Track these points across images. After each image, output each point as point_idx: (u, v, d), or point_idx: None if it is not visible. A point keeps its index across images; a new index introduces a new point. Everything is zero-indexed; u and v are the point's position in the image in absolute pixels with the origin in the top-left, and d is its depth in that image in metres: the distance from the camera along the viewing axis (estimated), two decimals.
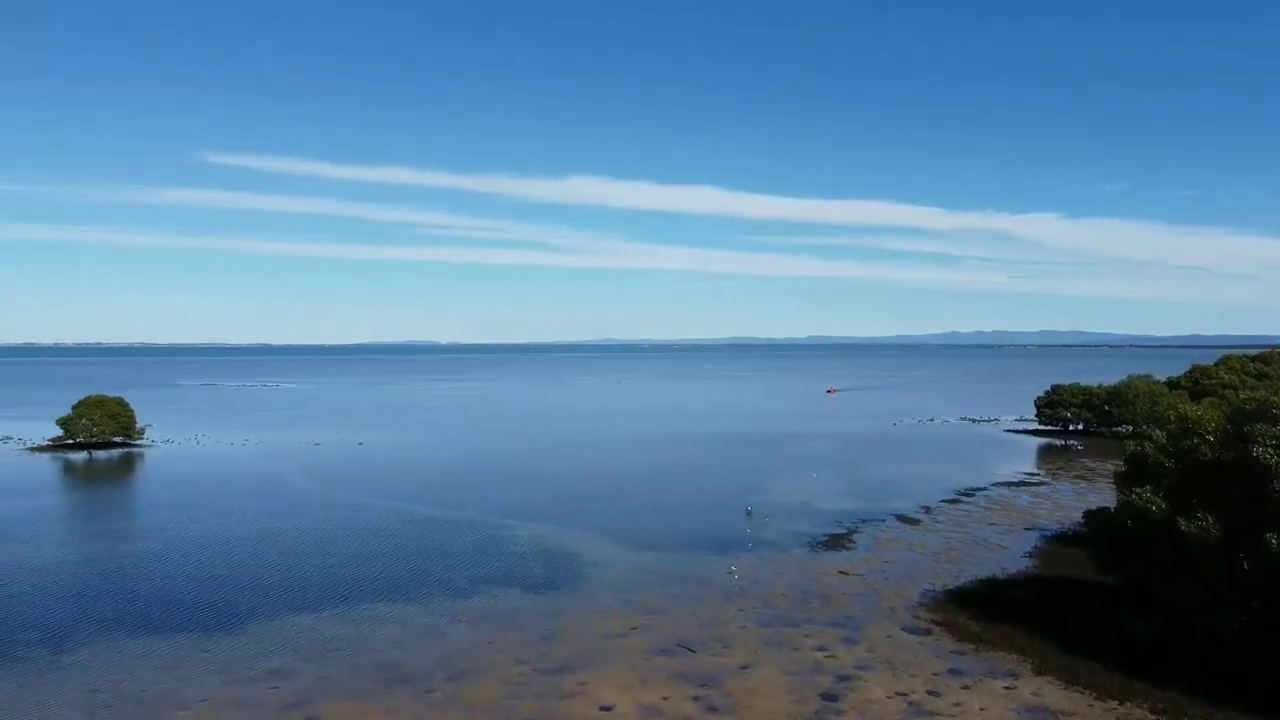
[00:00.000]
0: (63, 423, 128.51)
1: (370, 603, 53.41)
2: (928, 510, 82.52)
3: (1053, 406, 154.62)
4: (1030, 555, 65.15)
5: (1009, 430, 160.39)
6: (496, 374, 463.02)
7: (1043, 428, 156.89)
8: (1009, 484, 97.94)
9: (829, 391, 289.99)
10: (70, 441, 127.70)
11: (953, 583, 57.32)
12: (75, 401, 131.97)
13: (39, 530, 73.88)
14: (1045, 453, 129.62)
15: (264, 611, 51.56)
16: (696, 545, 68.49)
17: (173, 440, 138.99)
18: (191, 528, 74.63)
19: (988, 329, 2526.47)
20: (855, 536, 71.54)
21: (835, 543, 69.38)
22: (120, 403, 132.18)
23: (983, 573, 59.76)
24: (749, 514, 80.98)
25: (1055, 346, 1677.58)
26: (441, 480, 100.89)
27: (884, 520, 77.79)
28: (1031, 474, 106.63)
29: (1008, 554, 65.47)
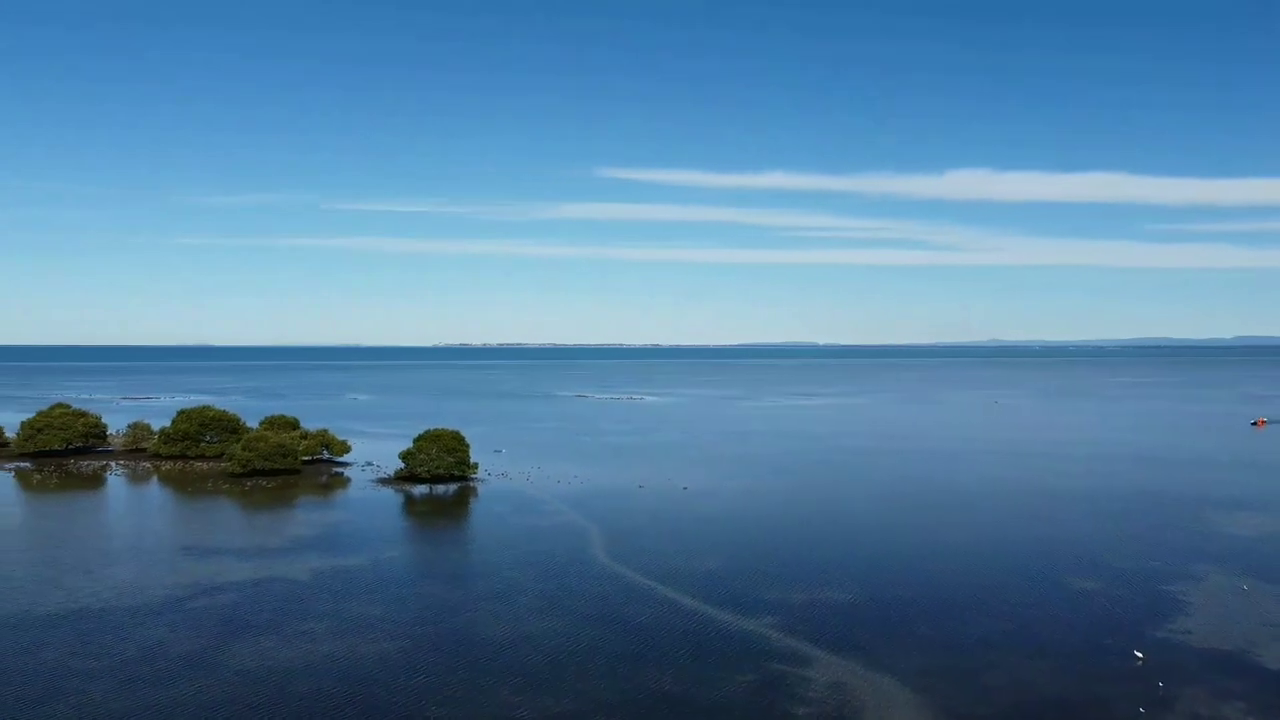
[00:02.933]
0: (404, 456, 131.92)
1: None
2: None
3: None
4: None
5: None
6: (861, 386, 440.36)
7: None
8: None
9: (1256, 424, 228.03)
10: (412, 474, 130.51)
11: None
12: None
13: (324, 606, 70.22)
14: None
15: None
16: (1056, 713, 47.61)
17: (506, 474, 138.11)
18: (422, 629, 66.83)
19: None
20: None
21: None
22: (456, 436, 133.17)
23: None
24: (1140, 660, 57.69)
25: None
26: (756, 556, 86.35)
27: None
28: None
29: None
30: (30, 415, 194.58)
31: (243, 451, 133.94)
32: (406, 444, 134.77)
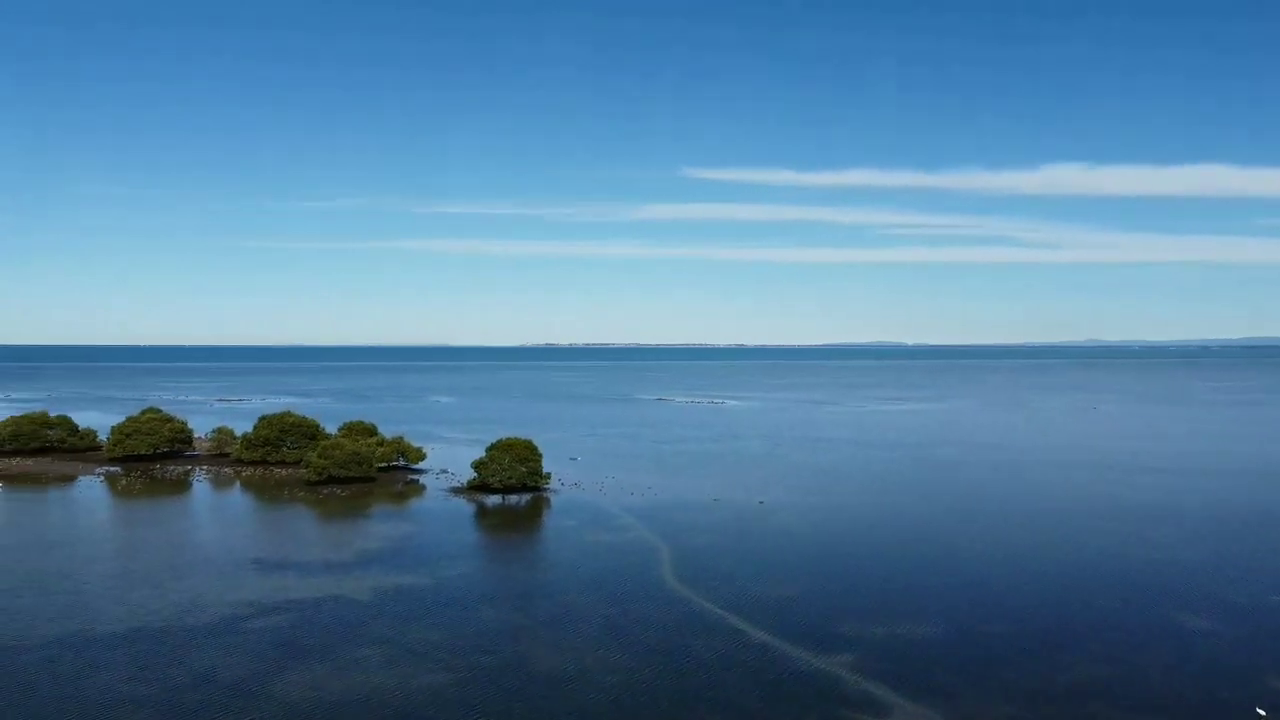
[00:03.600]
0: (477, 466, 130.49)
1: None
2: None
3: None
4: None
5: None
6: (950, 390, 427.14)
7: None
8: None
9: None
10: (485, 484, 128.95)
11: None
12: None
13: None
14: None
15: None
16: None
17: (580, 484, 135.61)
18: (478, 658, 64.08)
19: None
20: None
21: None
22: (529, 446, 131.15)
23: None
24: (1263, 719, 51.64)
25: None
26: (834, 581, 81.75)
27: None
28: None
29: None
30: (128, 416, 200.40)
31: (318, 459, 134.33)
32: (482, 450, 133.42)
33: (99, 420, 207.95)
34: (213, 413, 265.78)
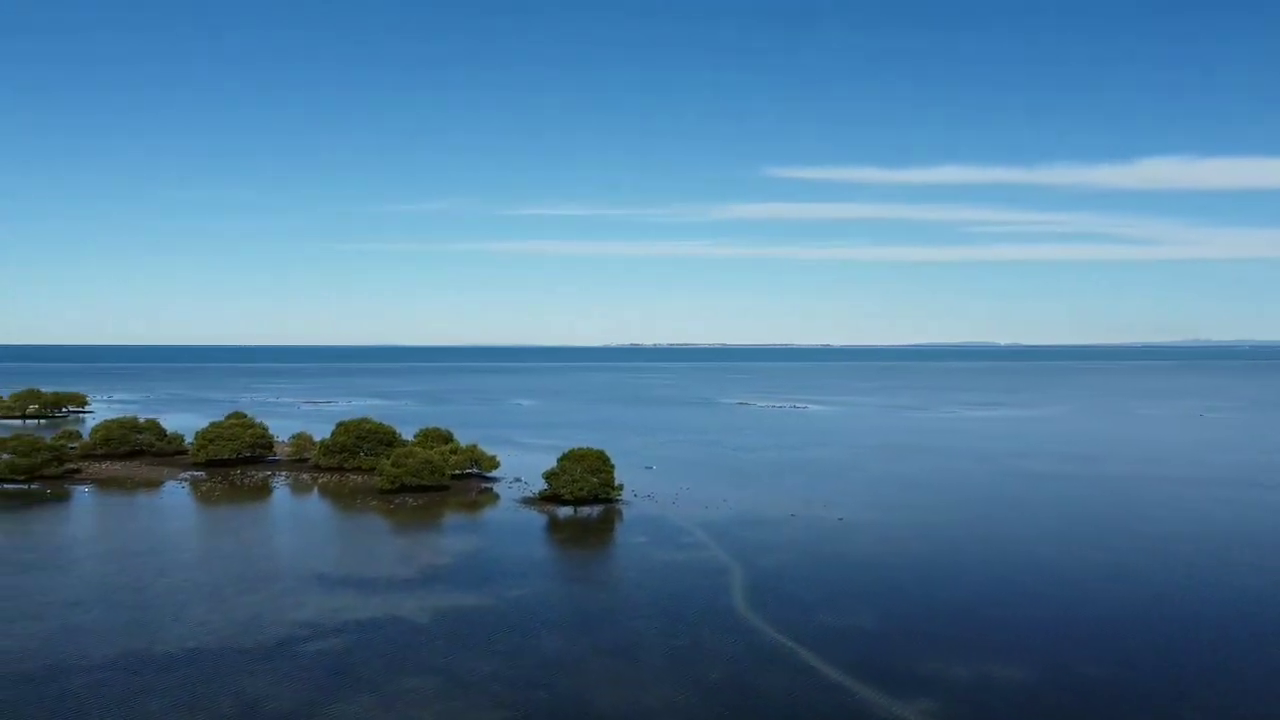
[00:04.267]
0: (548, 476, 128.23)
1: None
2: None
3: None
4: None
5: None
6: (1046, 394, 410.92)
7: None
8: None
9: None
10: (556, 495, 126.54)
11: None
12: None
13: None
14: None
15: None
16: None
17: (653, 495, 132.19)
18: (534, 693, 60.94)
19: None
20: None
21: None
22: (601, 457, 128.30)
23: None
24: None
25: None
26: (917, 612, 76.64)
27: None
28: None
29: None
30: (220, 418, 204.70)
31: (391, 468, 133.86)
32: (556, 457, 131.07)
33: (192, 422, 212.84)
34: (299, 416, 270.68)
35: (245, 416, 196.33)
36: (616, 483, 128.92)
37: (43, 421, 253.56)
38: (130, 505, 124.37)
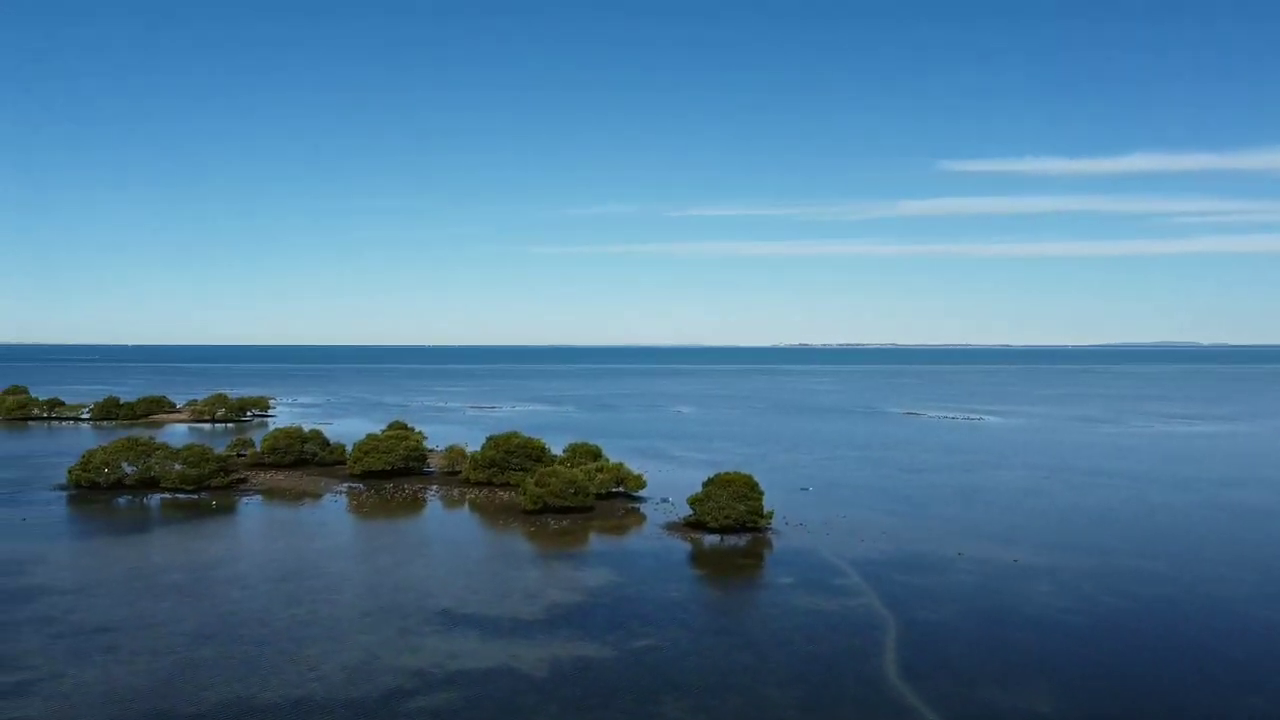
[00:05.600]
0: (693, 502, 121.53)
1: None
2: None
3: None
4: None
5: None
6: (1262, 405, 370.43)
7: None
8: None
9: None
10: (701, 522, 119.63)
11: None
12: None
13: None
14: None
15: None
16: None
17: (805, 524, 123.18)
18: None
19: None
20: None
21: None
22: (749, 482, 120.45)
23: None
24: None
25: None
26: (1106, 687, 65.06)
27: None
28: None
29: None
30: (388, 423, 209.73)
31: (534, 487, 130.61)
32: (712, 473, 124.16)
33: (362, 428, 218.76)
34: (462, 422, 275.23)
35: (405, 426, 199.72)
36: (766, 509, 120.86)
37: (229, 426, 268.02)
38: (282, 521, 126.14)
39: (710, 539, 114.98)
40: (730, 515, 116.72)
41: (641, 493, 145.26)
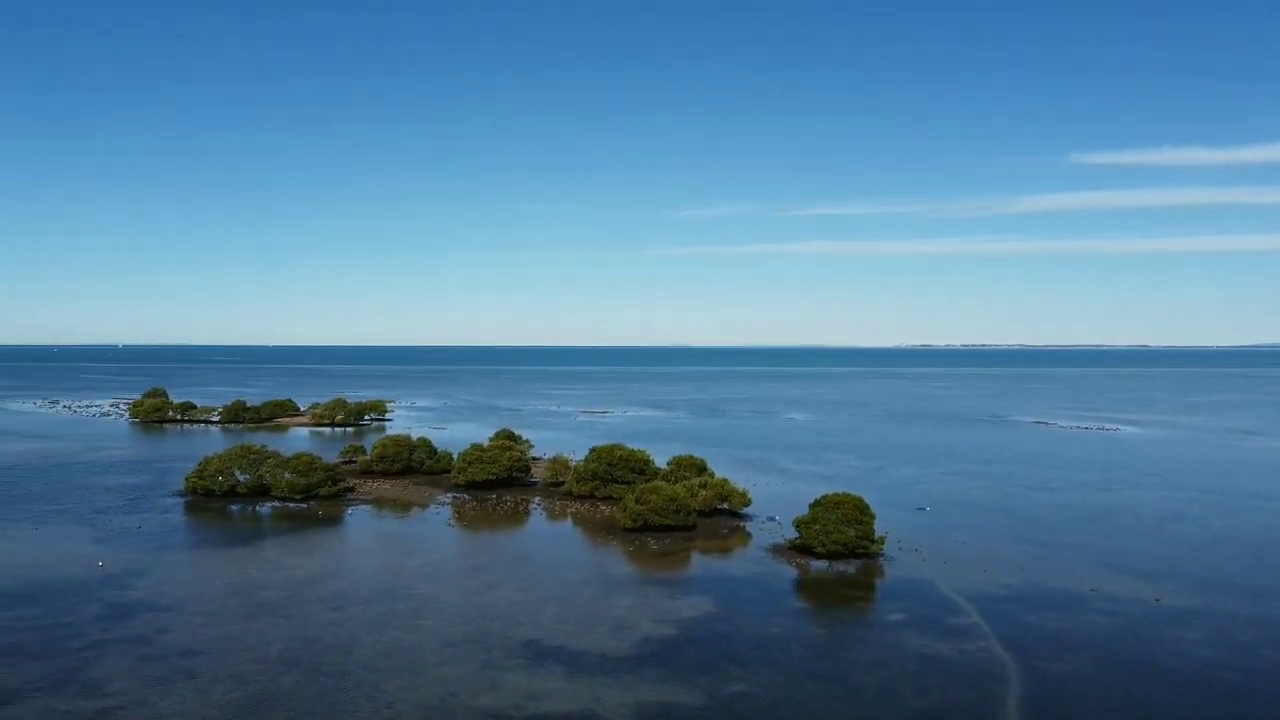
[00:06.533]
0: (799, 525, 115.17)
1: None
2: None
3: None
4: None
5: None
6: None
7: None
8: None
9: None
10: (809, 547, 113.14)
11: None
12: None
13: None
14: None
15: None
16: None
17: (920, 550, 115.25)
18: None
19: None
20: None
21: None
22: (859, 505, 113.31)
23: None
24: None
25: None
26: None
27: None
28: None
29: None
30: (499, 428, 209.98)
31: (634, 505, 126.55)
32: (824, 488, 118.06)
33: (472, 434, 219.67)
34: (571, 428, 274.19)
35: (511, 435, 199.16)
36: (878, 534, 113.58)
37: (349, 430, 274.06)
38: (382, 535, 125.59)
39: (817, 565, 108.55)
40: (839, 540, 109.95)
41: (747, 510, 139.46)
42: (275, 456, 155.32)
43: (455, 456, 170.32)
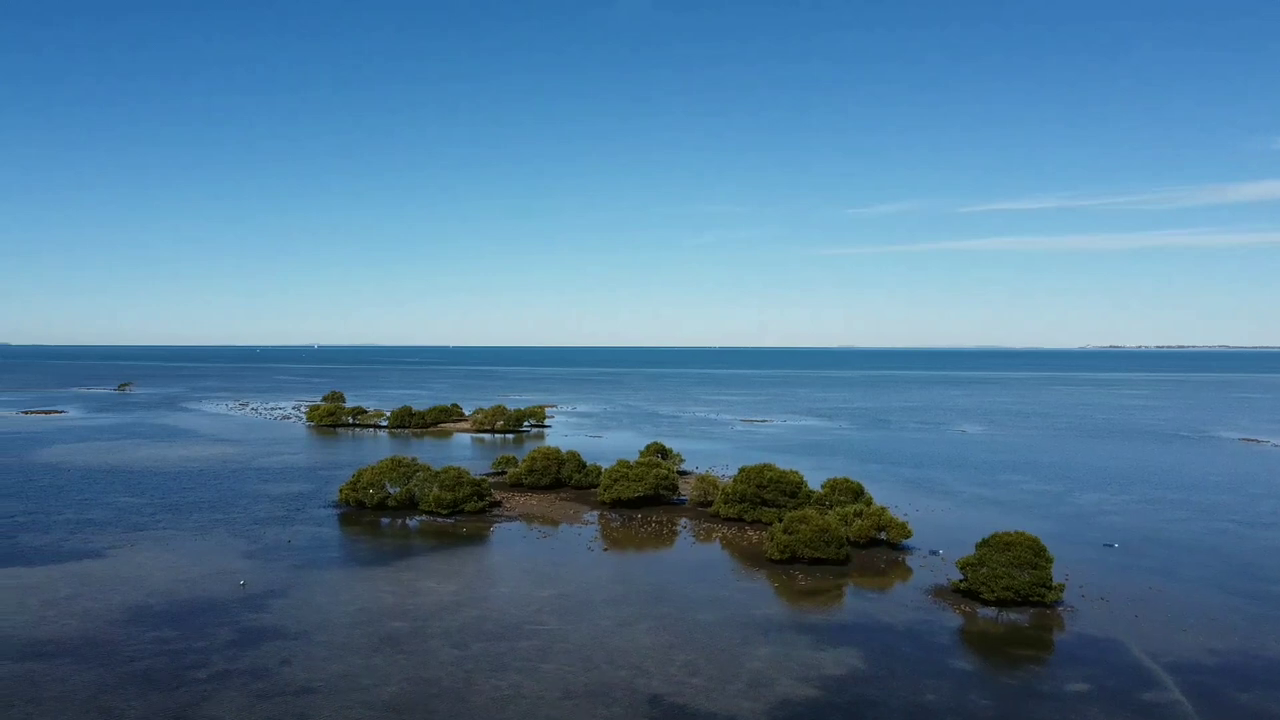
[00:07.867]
0: (963, 566, 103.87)
1: None
2: None
3: None
4: None
5: None
6: None
7: None
8: None
9: None
10: (972, 590, 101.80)
11: None
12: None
13: None
14: None
15: None
16: None
17: (1107, 599, 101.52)
18: None
19: None
20: None
21: None
22: (1033, 547, 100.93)
23: None
24: None
25: None
26: None
27: None
28: None
29: None
30: (655, 439, 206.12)
31: (782, 535, 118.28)
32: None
33: (629, 442, 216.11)
34: (727, 438, 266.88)
35: (662, 449, 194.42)
36: (1057, 578, 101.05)
37: (509, 437, 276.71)
38: (520, 558, 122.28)
39: (984, 613, 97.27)
40: (1009, 586, 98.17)
41: (907, 541, 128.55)
42: (425, 469, 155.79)
43: (604, 470, 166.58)
